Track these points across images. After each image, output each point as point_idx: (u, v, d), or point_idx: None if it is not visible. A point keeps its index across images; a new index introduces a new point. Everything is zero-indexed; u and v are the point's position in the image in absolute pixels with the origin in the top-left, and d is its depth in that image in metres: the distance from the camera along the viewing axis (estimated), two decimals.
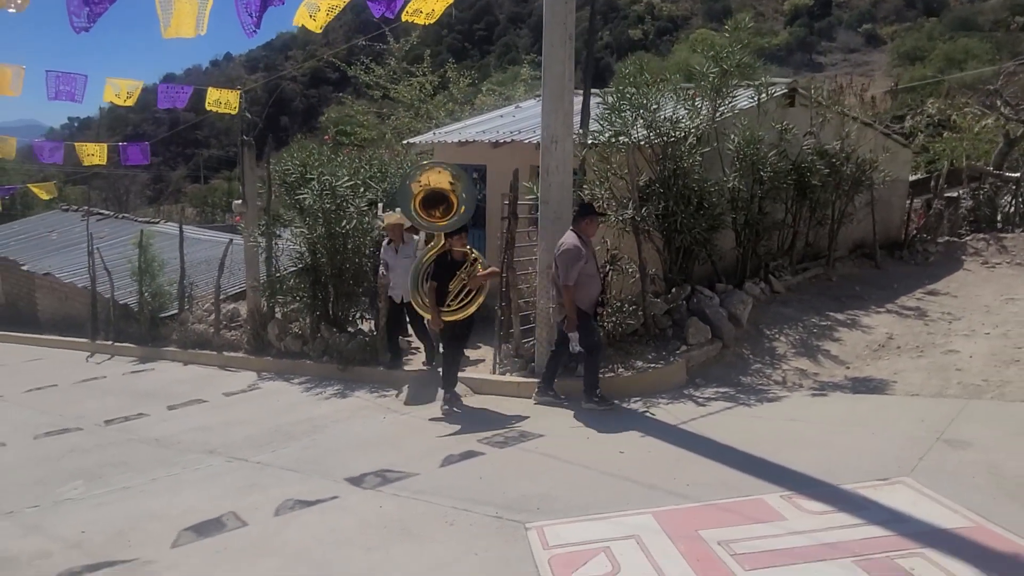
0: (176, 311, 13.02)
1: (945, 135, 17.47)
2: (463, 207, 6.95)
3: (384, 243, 8.71)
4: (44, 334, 16.20)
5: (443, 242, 6.98)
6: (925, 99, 21.51)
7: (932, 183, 13.94)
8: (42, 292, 17.96)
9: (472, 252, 7.15)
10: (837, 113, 10.34)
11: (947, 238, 12.63)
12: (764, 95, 9.17)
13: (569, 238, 6.57)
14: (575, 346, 6.47)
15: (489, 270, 7.23)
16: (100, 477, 6.06)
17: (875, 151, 10.52)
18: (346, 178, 9.46)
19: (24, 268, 17.89)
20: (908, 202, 12.87)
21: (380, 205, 9.72)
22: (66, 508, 5.41)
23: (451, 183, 6.99)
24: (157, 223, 20.74)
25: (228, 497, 5.30)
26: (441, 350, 7.46)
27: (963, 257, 11.53)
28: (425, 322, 7.96)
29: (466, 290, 6.93)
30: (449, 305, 6.88)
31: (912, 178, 13.83)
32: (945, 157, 15.73)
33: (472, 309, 7.01)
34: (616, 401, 6.66)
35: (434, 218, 7.01)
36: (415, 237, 8.55)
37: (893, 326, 8.28)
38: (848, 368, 7.26)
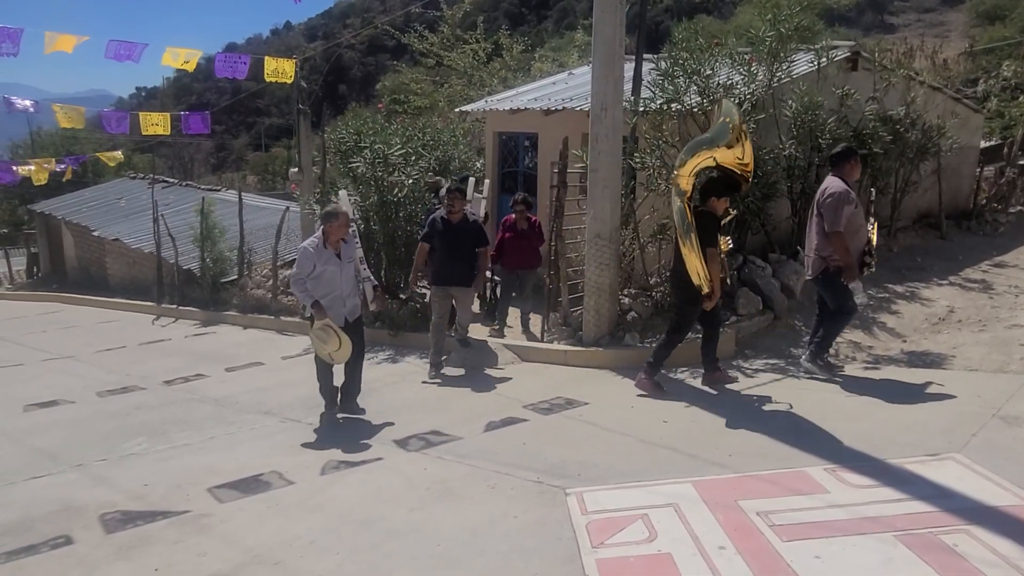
0: (236, 276, 13.41)
1: (1021, 99, 16.58)
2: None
3: (317, 242, 5.91)
4: (114, 297, 16.89)
5: (688, 190, 5.79)
6: (1003, 61, 20.39)
7: (1005, 150, 13.29)
8: (112, 257, 18.69)
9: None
10: (903, 77, 9.92)
11: (1019, 208, 12.09)
12: (824, 59, 8.87)
13: (834, 183, 5.90)
14: (861, 296, 5.79)
15: (727, 237, 6.29)
16: (163, 434, 6.36)
17: (943, 116, 10.09)
18: (398, 146, 9.55)
19: (95, 234, 18.60)
20: (978, 170, 12.32)
21: (486, 182, 8.81)
22: (130, 462, 5.70)
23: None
24: (219, 191, 21.26)
25: (280, 456, 5.50)
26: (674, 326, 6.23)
27: None
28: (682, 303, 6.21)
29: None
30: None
31: (984, 145, 13.22)
32: (1020, 123, 14.94)
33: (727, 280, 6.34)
34: (839, 372, 6.23)
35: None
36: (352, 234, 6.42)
37: (955, 299, 8.00)
38: (905, 342, 7.06)
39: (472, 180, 8.89)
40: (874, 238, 6.15)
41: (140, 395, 7.91)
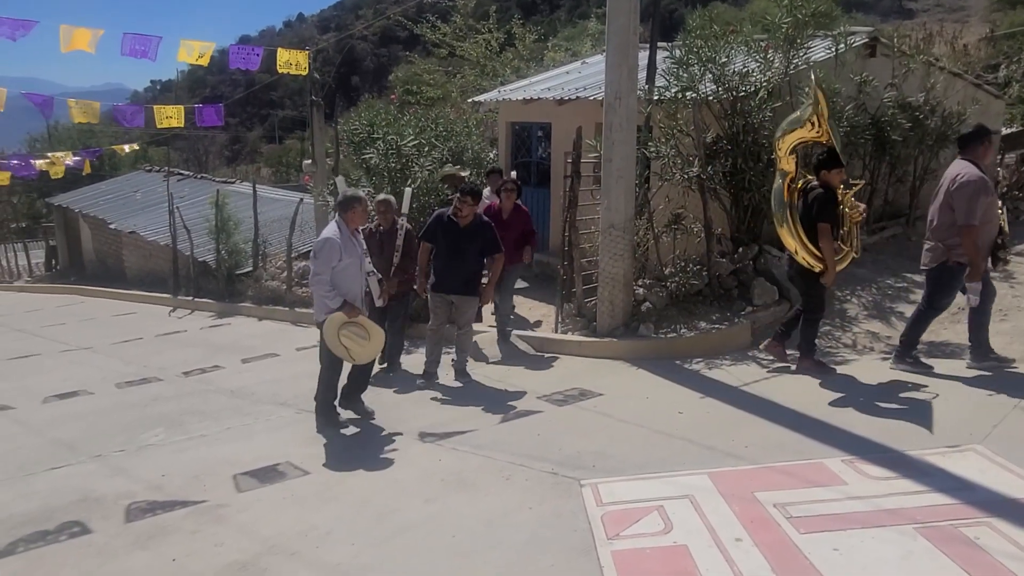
0: (251, 268, 13.48)
1: None
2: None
3: (340, 232, 5.64)
4: (130, 289, 17.03)
5: (792, 171, 5.90)
6: None
7: None
8: (128, 249, 18.85)
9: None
10: (922, 63, 9.78)
11: None
12: (842, 45, 8.74)
13: (967, 168, 5.40)
14: (975, 299, 5.52)
15: (861, 206, 6.09)
16: (179, 424, 6.40)
17: (964, 103, 9.93)
18: (411, 137, 9.53)
19: (112, 226, 18.76)
20: (999, 157, 12.14)
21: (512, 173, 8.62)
22: (148, 452, 5.74)
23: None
24: (233, 183, 21.39)
25: (296, 446, 5.52)
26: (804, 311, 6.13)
27: None
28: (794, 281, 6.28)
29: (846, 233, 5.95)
30: (840, 250, 5.90)
31: (1005, 131, 13.01)
32: None
33: (853, 254, 6.08)
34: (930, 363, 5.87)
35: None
36: None
37: None
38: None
39: (408, 191, 7.60)
40: (1006, 225, 5.78)
41: (157, 386, 7.97)
